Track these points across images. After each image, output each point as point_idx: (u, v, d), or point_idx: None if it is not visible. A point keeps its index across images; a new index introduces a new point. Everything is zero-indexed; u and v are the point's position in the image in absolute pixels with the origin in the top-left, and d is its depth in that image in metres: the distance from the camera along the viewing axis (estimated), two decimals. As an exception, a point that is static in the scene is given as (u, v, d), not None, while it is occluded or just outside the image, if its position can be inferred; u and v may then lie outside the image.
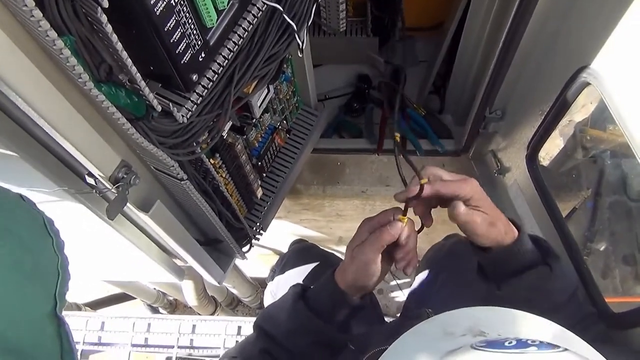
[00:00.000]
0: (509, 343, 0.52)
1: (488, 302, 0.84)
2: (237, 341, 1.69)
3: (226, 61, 0.76)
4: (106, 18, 0.53)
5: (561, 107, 1.04)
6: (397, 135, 0.93)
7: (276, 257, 2.60)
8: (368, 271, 0.84)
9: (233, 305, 2.51)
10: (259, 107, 1.04)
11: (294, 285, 0.94)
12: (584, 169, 1.53)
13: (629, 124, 0.82)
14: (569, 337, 0.62)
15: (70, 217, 0.87)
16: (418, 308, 1.28)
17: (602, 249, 1.46)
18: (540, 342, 0.52)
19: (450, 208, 0.81)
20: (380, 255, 0.84)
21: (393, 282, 2.35)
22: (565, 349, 0.50)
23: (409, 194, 0.81)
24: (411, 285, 1.44)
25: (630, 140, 0.83)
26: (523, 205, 1.32)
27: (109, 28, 0.54)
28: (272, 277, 1.51)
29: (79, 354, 1.72)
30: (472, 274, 0.93)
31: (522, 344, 0.51)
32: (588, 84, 0.93)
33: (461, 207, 0.80)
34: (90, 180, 0.77)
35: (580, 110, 1.28)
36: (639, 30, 0.79)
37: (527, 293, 0.84)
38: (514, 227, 0.85)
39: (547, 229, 1.21)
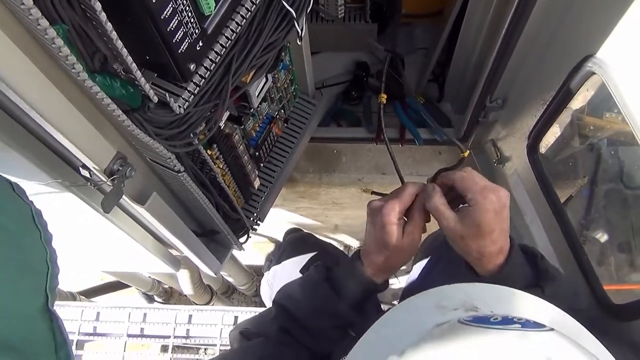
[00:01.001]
0: (495, 319, 0.51)
1: None
2: (234, 331, 1.68)
3: (224, 50, 0.74)
4: (100, 6, 0.51)
5: (564, 96, 1.02)
6: (383, 97, 0.89)
7: (272, 245, 2.60)
8: (388, 237, 0.81)
9: (228, 293, 2.51)
10: (257, 96, 1.02)
11: (317, 265, 0.92)
12: (580, 156, 1.52)
13: (635, 114, 0.81)
14: (566, 320, 0.61)
15: (65, 209, 0.86)
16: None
17: (597, 236, 1.46)
18: (527, 320, 0.51)
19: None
20: (400, 219, 0.82)
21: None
22: (552, 329, 0.50)
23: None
24: (409, 273, 1.43)
25: (635, 130, 0.82)
26: (523, 195, 1.31)
27: (103, 16, 0.52)
28: (268, 266, 1.51)
29: (74, 344, 1.71)
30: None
31: (507, 320, 0.51)
32: (593, 73, 0.91)
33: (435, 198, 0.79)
34: (85, 173, 0.75)
35: (577, 98, 1.27)
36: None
37: None
38: (507, 246, 0.79)
39: (547, 219, 1.20)
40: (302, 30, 0.89)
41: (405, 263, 0.87)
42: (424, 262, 1.34)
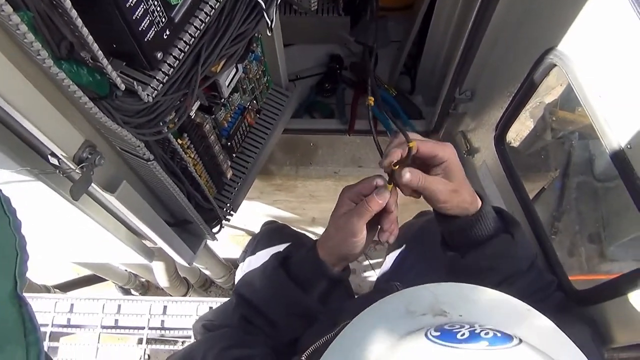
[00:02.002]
0: (462, 335, 0.52)
1: (453, 272, 0.86)
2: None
3: (193, 39, 0.74)
4: (65, -7, 0.51)
5: (528, 88, 1.04)
6: (371, 99, 0.91)
7: (249, 238, 2.60)
8: (354, 242, 0.84)
9: (206, 286, 2.50)
10: (227, 86, 1.02)
11: (275, 253, 0.93)
12: (552, 150, 1.56)
13: (593, 104, 0.84)
14: (532, 315, 0.63)
15: (35, 197, 0.86)
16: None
17: (569, 228, 1.49)
18: (495, 333, 0.51)
19: (410, 176, 0.80)
20: (365, 224, 0.84)
21: (366, 262, 2.37)
22: (520, 341, 0.51)
23: (393, 158, 0.81)
24: (382, 264, 1.46)
25: (594, 121, 0.84)
26: (491, 186, 1.34)
27: (68, 3, 0.52)
28: (243, 257, 1.51)
29: (47, 336, 1.70)
30: (439, 249, 0.94)
31: (474, 336, 0.51)
32: (554, 65, 0.94)
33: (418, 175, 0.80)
34: (54, 161, 0.76)
35: (550, 92, 1.30)
36: (605, 12, 0.80)
37: (490, 261, 0.86)
38: (479, 198, 0.86)
39: (515, 209, 1.23)
40: (271, 21, 0.90)
41: (355, 250, 0.87)
42: (397, 252, 1.37)
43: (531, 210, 1.16)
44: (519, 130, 1.42)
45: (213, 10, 0.75)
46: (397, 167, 0.81)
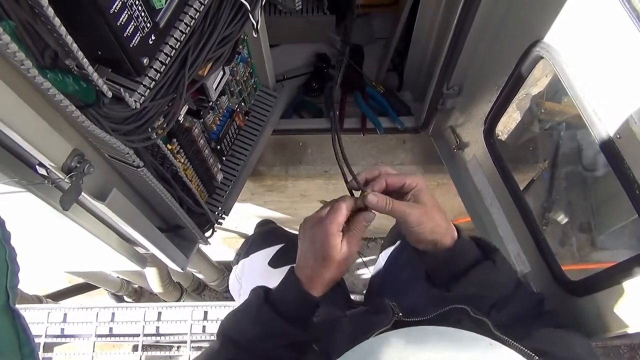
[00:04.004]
0: None
1: (442, 305, 0.86)
2: (204, 326, 1.68)
3: (178, 43, 0.74)
4: (47, 1, 0.50)
5: (516, 81, 1.05)
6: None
7: (241, 241, 2.59)
8: (330, 249, 0.83)
9: (199, 290, 2.50)
10: (215, 89, 1.02)
11: (254, 289, 0.93)
12: (540, 141, 1.56)
13: (581, 95, 0.84)
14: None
15: (25, 208, 0.85)
16: (380, 291, 1.29)
17: (559, 218, 1.50)
18: None
19: (376, 199, 0.84)
20: (340, 231, 0.84)
21: (359, 260, 2.37)
22: None
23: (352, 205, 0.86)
24: (376, 262, 1.46)
25: (582, 112, 0.85)
26: (482, 180, 1.34)
27: (50, 12, 0.52)
28: (237, 260, 1.51)
29: (41, 347, 1.68)
30: None
31: None
32: (541, 57, 0.94)
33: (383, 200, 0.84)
34: (42, 171, 0.75)
35: (536, 84, 1.31)
36: (590, 4, 0.80)
37: (475, 289, 0.87)
38: (454, 228, 0.88)
39: (506, 202, 1.23)
40: (257, 22, 0.90)
41: (342, 275, 0.89)
42: (390, 250, 1.37)
43: (523, 202, 1.17)
44: (507, 123, 1.42)
45: (198, 14, 0.75)
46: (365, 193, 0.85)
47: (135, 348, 1.78)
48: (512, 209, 1.20)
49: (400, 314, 0.80)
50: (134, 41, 0.64)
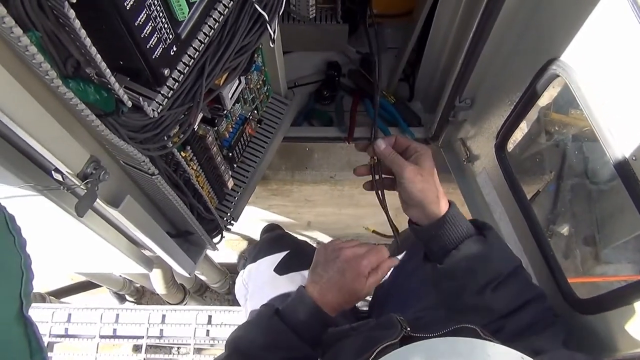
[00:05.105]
0: None
1: (436, 282, 0.91)
2: (207, 330, 1.68)
3: (197, 53, 0.74)
4: (74, 13, 0.51)
5: (530, 97, 1.05)
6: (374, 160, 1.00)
7: (244, 243, 2.60)
8: (359, 288, 0.91)
9: (201, 291, 2.50)
10: (230, 98, 1.02)
11: (264, 305, 0.97)
12: (547, 153, 1.56)
13: (597, 115, 0.84)
14: None
15: (38, 212, 0.85)
16: (386, 301, 1.30)
17: (563, 230, 1.50)
18: None
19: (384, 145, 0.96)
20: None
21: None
22: None
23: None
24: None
25: (598, 132, 0.84)
26: (491, 193, 1.34)
27: (77, 23, 0.52)
28: (243, 265, 1.51)
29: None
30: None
31: None
32: (557, 75, 0.94)
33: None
34: (58, 176, 0.75)
35: (544, 96, 1.31)
36: (608, 23, 0.80)
37: (467, 262, 0.89)
38: (447, 201, 0.93)
39: (515, 216, 1.23)
40: (274, 32, 0.90)
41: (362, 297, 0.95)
42: (398, 258, 1.37)
43: (532, 216, 1.16)
44: (514, 134, 1.42)
45: (217, 24, 0.75)
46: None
47: (136, 349, 1.78)
48: (521, 224, 1.19)
49: (409, 329, 0.80)
50: (156, 53, 0.64)
